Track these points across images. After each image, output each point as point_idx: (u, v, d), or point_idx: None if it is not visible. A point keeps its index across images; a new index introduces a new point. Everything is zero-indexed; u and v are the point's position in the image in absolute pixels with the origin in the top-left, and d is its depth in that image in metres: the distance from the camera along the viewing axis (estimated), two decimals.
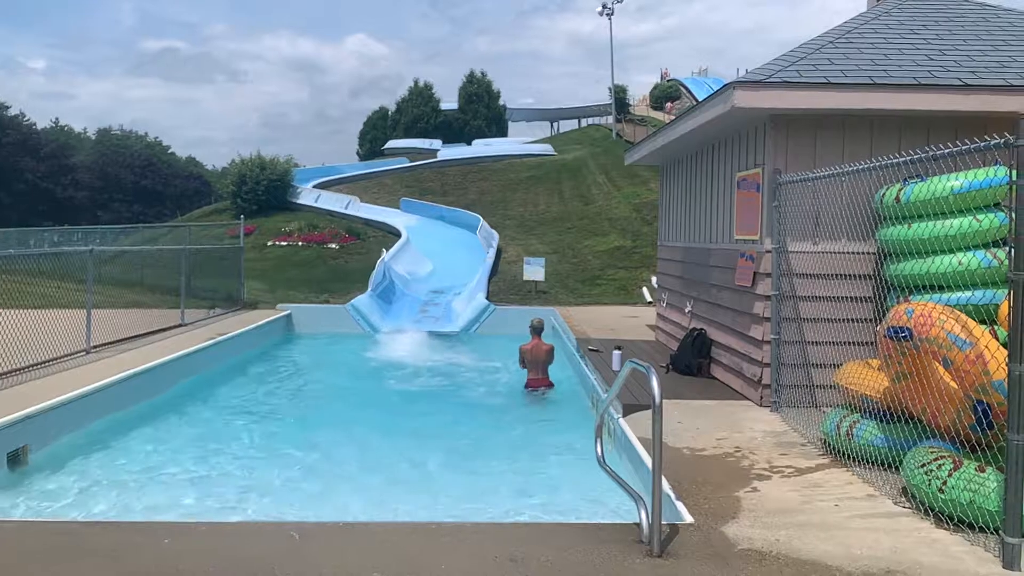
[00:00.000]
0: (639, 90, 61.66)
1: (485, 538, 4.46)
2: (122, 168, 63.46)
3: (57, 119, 73.89)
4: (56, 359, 9.85)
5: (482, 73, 61.04)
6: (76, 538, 4.49)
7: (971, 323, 4.75)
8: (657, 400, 4.19)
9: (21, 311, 9.42)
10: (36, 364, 9.37)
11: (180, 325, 13.88)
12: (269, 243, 25.52)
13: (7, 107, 59.23)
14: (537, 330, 10.63)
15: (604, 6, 48.73)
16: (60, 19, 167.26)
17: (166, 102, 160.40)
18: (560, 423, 8.94)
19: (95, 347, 10.91)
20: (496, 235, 24.57)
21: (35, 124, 63.09)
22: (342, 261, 23.76)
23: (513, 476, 6.92)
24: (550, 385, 10.45)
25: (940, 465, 4.61)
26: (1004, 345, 4.37)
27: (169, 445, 7.81)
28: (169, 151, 76.04)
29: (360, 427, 8.63)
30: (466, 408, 9.97)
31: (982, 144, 4.40)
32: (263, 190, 30.45)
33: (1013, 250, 4.02)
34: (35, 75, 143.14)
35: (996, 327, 5.25)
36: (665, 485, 4.91)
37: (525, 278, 19.85)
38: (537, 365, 10.44)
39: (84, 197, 60.00)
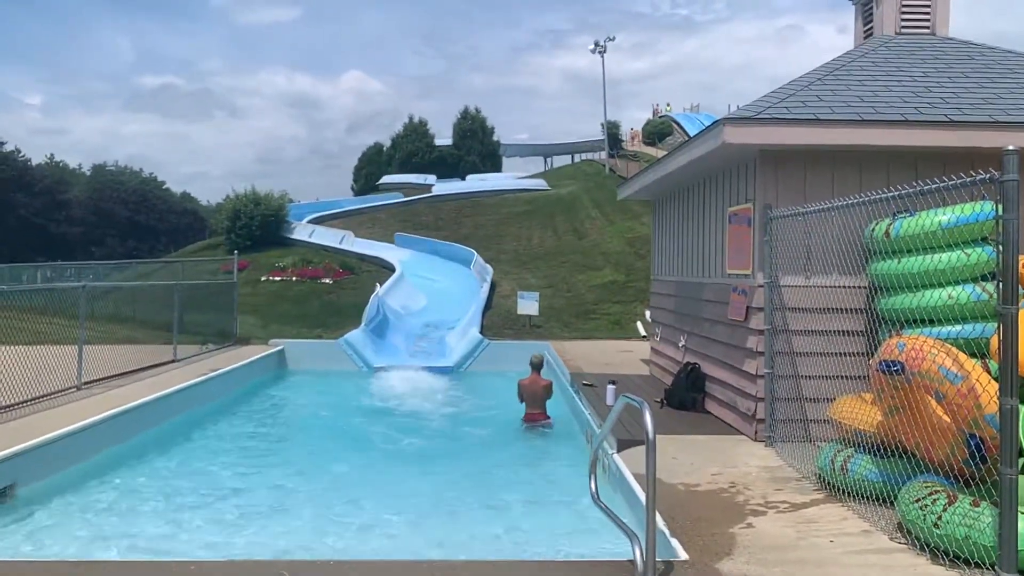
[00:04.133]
0: (635, 125, 62.29)
1: None
2: (116, 203, 63.62)
3: (52, 155, 74.25)
4: (47, 395, 9.77)
5: (476, 109, 61.68)
6: None
7: (962, 357, 4.77)
8: (650, 435, 4.18)
9: (12, 347, 9.37)
10: (26, 401, 9.30)
11: (173, 361, 13.81)
12: (263, 278, 25.49)
13: (2, 143, 59.51)
14: (536, 366, 10.66)
15: (596, 44, 49.51)
16: (57, 55, 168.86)
17: (161, 137, 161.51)
18: (554, 458, 8.89)
19: (86, 383, 10.84)
20: (490, 269, 24.61)
21: (30, 160, 63.34)
22: (336, 296, 23.73)
23: (507, 513, 6.86)
24: (547, 419, 10.44)
25: (935, 500, 4.60)
26: (995, 378, 4.39)
27: (158, 483, 7.72)
28: (164, 186, 76.23)
29: (353, 465, 8.56)
30: (458, 444, 9.91)
31: (968, 179, 4.46)
32: (257, 225, 30.51)
33: (1001, 283, 4.05)
34: (31, 111, 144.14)
35: (988, 360, 5.27)
36: (659, 521, 4.87)
37: (519, 312, 19.85)
38: (535, 400, 10.43)
39: (78, 233, 60.03)
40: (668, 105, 64.28)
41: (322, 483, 7.82)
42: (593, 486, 5.33)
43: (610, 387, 9.77)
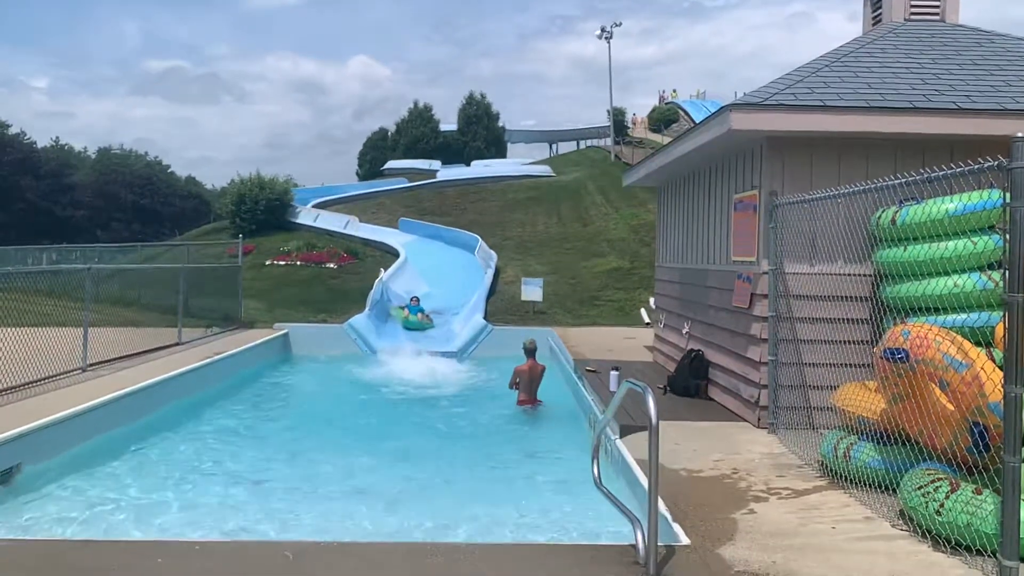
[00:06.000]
0: (641, 112, 61.98)
1: (480, 560, 4.43)
2: (121, 187, 63.65)
3: (57, 138, 74.11)
4: (52, 377, 9.82)
5: (481, 95, 61.49)
6: (68, 557, 4.46)
7: (967, 345, 4.76)
8: (653, 420, 4.18)
9: (18, 329, 9.41)
10: (32, 382, 9.34)
11: (177, 344, 13.85)
12: (267, 262, 25.51)
13: (8, 126, 59.53)
14: (532, 352, 10.67)
15: (603, 30, 49.14)
16: (63, 39, 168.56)
17: (167, 122, 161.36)
18: (557, 444, 8.91)
19: (91, 365, 10.89)
20: (494, 255, 24.59)
21: (35, 143, 63.30)
22: (340, 281, 23.75)
23: (509, 496, 6.88)
24: (539, 402, 10.51)
25: (937, 487, 4.60)
26: (1000, 367, 4.38)
27: (163, 464, 7.77)
28: (169, 170, 76.12)
29: (355, 448, 8.59)
30: (462, 428, 9.94)
31: (976, 167, 4.43)
32: (262, 209, 30.53)
33: (1007, 272, 4.04)
34: (37, 94, 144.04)
35: (992, 348, 5.26)
36: (661, 506, 4.88)
37: (523, 299, 19.85)
38: (532, 386, 10.47)
39: (83, 216, 60.12)
40: (674, 91, 63.98)
41: (324, 466, 7.84)
42: (595, 471, 5.35)
43: (613, 373, 9.78)
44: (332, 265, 25.26)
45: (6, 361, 8.95)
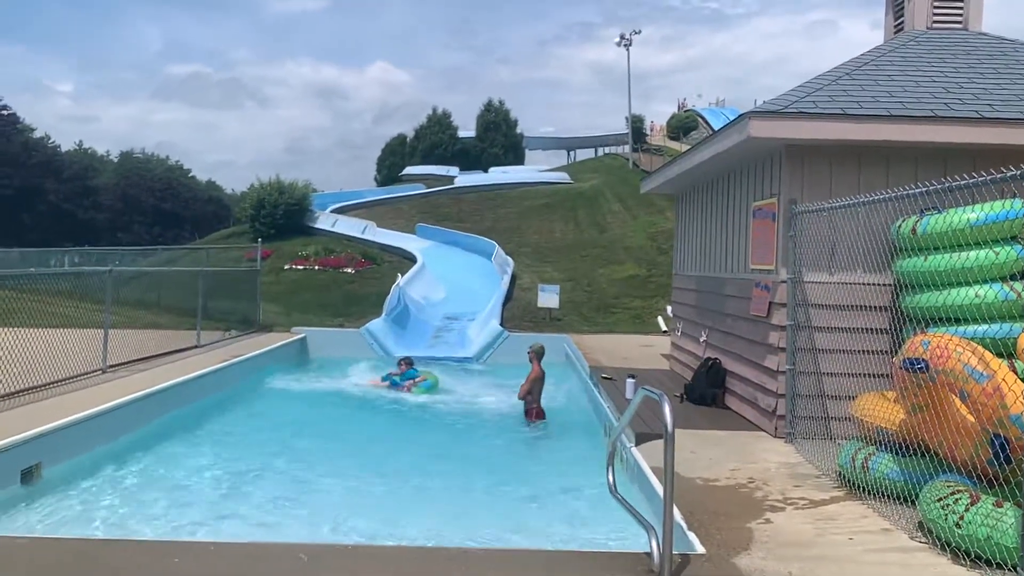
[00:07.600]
0: (660, 119, 61.73)
1: (492, 565, 4.43)
2: (143, 191, 64.22)
3: (81, 141, 74.98)
4: (72, 378, 9.91)
5: (500, 102, 61.54)
6: (86, 556, 4.50)
7: (988, 356, 4.71)
8: (669, 428, 4.16)
9: (40, 330, 9.52)
10: (52, 382, 9.45)
11: (196, 346, 13.95)
12: (286, 266, 25.68)
13: (32, 129, 60.29)
14: (541, 355, 10.60)
15: (622, 37, 49.22)
16: (87, 43, 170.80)
17: (189, 126, 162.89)
18: (572, 451, 8.89)
19: (111, 367, 10.99)
20: (511, 262, 24.61)
21: (59, 146, 64.11)
22: (357, 286, 23.86)
23: (523, 503, 6.88)
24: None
25: (957, 500, 4.54)
26: (1021, 378, 4.33)
27: (180, 465, 7.82)
28: (190, 174, 76.75)
29: (371, 450, 8.63)
30: (476, 434, 9.94)
31: (998, 176, 4.39)
32: (281, 214, 30.74)
33: None
34: (61, 98, 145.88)
35: (1014, 360, 5.20)
36: (677, 515, 4.86)
37: (539, 305, 19.84)
38: (540, 393, 10.41)
39: (105, 219, 60.72)
40: (697, 97, 63.73)
41: (340, 468, 7.86)
42: (611, 478, 5.33)
43: (629, 381, 9.74)
44: (350, 270, 25.39)
45: (28, 362, 9.05)
